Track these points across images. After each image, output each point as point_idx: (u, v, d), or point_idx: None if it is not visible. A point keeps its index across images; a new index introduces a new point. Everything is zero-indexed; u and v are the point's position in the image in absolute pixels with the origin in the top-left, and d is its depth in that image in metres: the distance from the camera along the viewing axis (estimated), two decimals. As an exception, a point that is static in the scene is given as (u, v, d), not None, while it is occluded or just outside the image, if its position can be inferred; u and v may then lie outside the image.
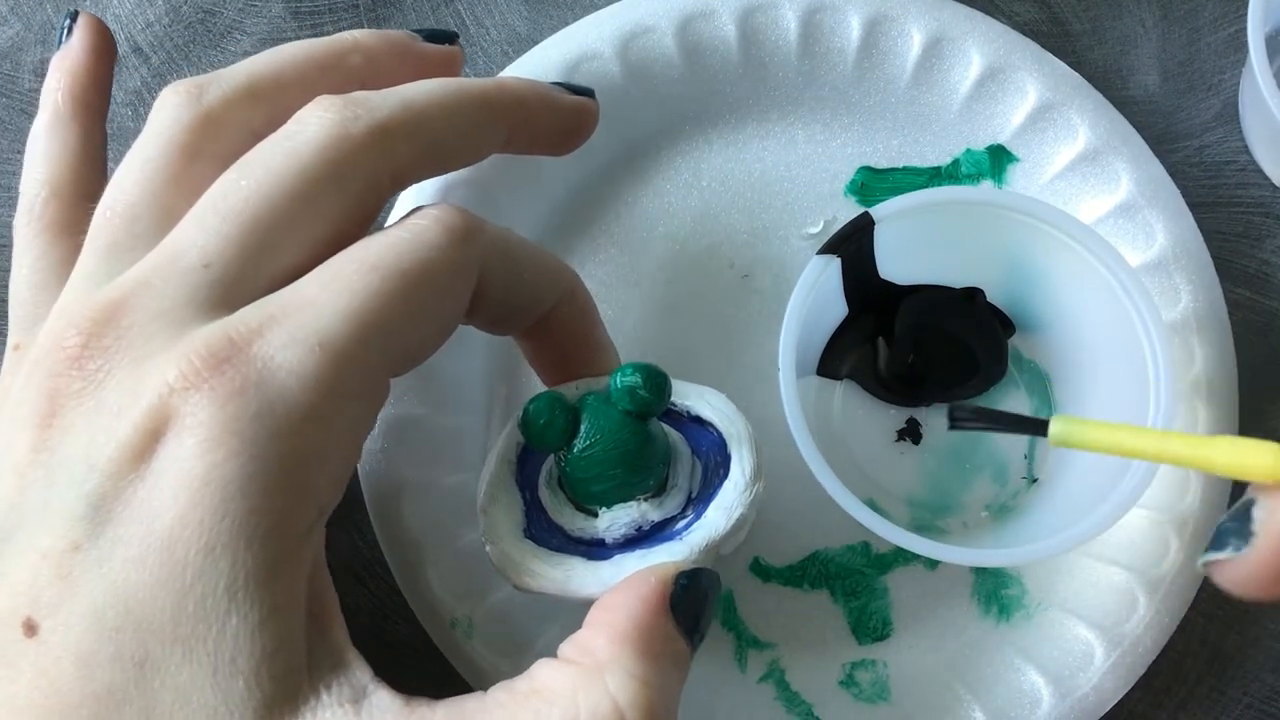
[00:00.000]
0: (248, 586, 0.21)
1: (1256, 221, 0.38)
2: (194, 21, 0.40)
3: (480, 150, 0.29)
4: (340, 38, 0.29)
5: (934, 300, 0.36)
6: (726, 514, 0.27)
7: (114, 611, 0.21)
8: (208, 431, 0.21)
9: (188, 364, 0.22)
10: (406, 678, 0.36)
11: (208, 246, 0.24)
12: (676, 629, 0.24)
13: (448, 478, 0.35)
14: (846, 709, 0.34)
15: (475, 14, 0.40)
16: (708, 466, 0.28)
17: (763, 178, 0.38)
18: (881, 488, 0.36)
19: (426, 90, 0.27)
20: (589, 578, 0.26)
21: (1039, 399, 0.36)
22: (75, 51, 0.30)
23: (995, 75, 0.37)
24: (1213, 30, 0.39)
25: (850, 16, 0.37)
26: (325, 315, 0.23)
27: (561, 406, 0.27)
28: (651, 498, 0.27)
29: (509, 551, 0.27)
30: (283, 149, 0.25)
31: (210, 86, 0.27)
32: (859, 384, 0.36)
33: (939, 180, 0.38)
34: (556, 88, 0.31)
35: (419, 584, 0.34)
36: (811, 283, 0.32)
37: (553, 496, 0.28)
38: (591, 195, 0.38)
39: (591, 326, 0.30)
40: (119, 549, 0.21)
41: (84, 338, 0.23)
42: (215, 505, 0.21)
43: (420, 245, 0.25)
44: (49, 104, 0.30)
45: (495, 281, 0.26)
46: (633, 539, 0.27)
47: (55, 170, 0.29)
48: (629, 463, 0.26)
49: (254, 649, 0.21)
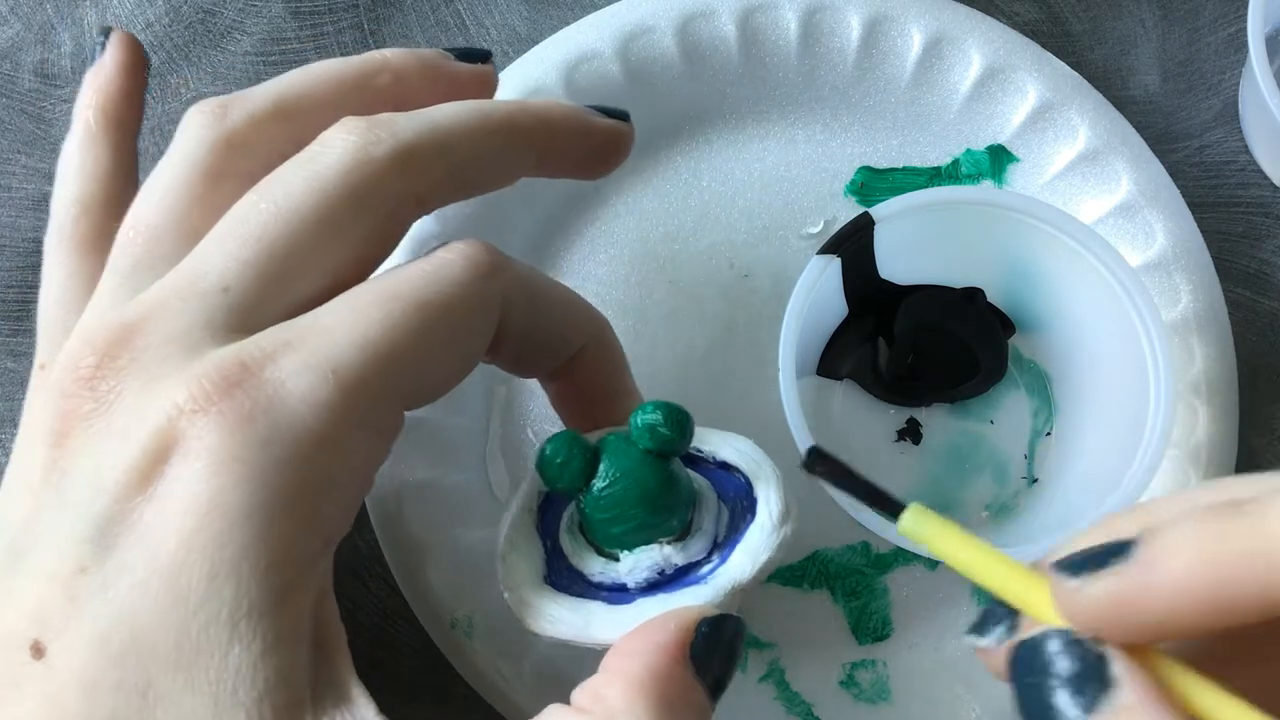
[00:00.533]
0: (251, 616, 0.21)
1: (1256, 221, 0.38)
2: (194, 21, 0.40)
3: (509, 174, 0.28)
4: (370, 57, 0.29)
5: (934, 300, 0.36)
6: (752, 557, 0.26)
7: (118, 637, 0.21)
8: (214, 457, 0.21)
9: (198, 387, 0.22)
10: (406, 678, 0.36)
11: (227, 270, 0.24)
12: (696, 678, 0.23)
13: (448, 478, 0.35)
14: (846, 709, 0.34)
15: (475, 14, 0.40)
16: (734, 511, 0.27)
17: (763, 178, 0.38)
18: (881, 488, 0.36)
19: (453, 112, 0.27)
20: (610, 622, 0.26)
21: (1039, 399, 0.36)
22: (107, 68, 0.30)
23: (995, 75, 0.37)
24: (1213, 30, 0.39)
25: (850, 16, 0.37)
26: (340, 343, 0.23)
27: (580, 446, 0.26)
28: (675, 541, 0.26)
29: (527, 597, 0.26)
30: (304, 172, 0.25)
31: (235, 106, 0.27)
32: (859, 384, 0.36)
33: (939, 180, 0.38)
34: (590, 111, 0.30)
35: (419, 584, 0.34)
36: (811, 283, 0.32)
37: (573, 541, 0.27)
38: (591, 195, 0.38)
39: (618, 374, 0.29)
40: (124, 574, 0.21)
41: (98, 358, 0.23)
42: (219, 532, 0.21)
43: (442, 278, 0.24)
44: (81, 121, 0.29)
45: (518, 320, 0.26)
46: (655, 583, 0.26)
47: (86, 187, 0.28)
48: (650, 503, 0.26)
49: (256, 680, 0.21)
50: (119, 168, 0.29)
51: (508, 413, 0.37)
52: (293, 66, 0.40)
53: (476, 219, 0.36)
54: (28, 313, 0.39)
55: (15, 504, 0.23)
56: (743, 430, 0.28)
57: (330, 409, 0.22)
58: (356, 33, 0.40)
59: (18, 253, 0.39)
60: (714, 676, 0.23)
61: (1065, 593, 0.18)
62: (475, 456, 0.36)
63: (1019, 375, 0.36)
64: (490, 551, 0.35)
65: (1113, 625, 0.18)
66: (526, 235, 0.37)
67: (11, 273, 0.39)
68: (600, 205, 0.38)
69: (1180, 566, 0.17)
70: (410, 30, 0.40)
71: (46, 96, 0.40)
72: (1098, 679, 0.17)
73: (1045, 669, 0.18)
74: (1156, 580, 0.17)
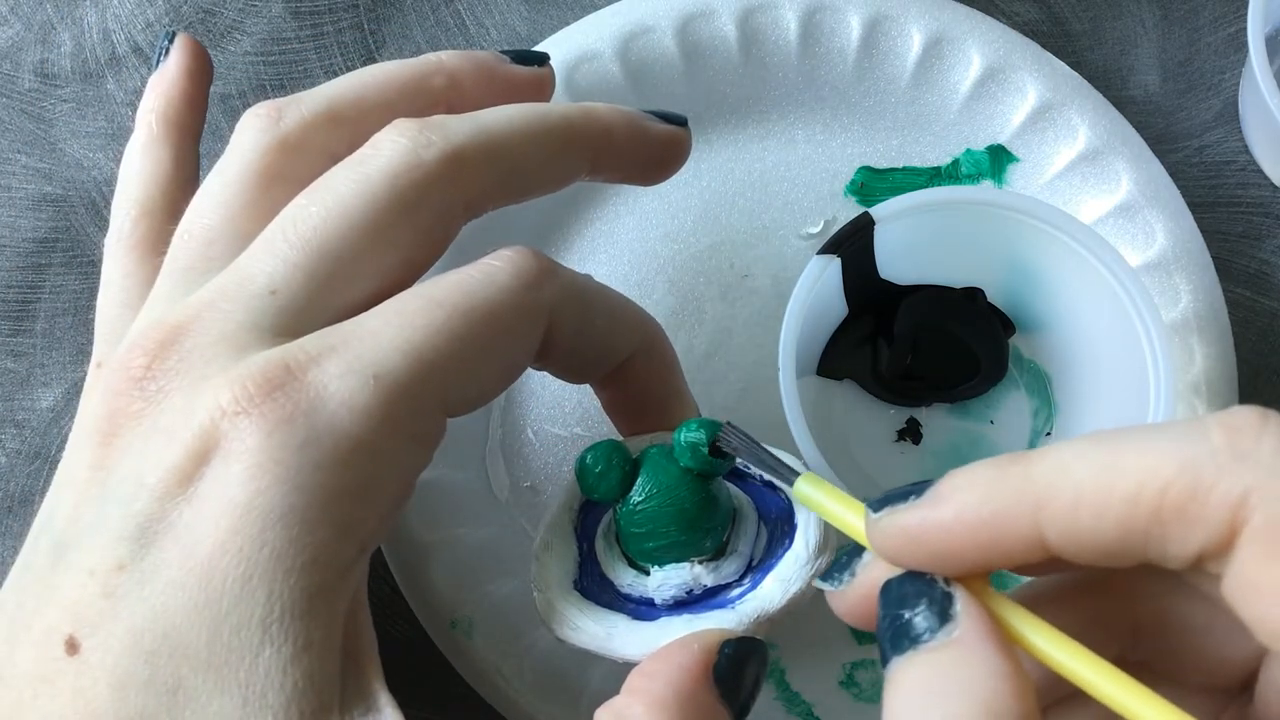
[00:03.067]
0: (283, 619, 0.21)
1: (1256, 221, 0.38)
2: (194, 21, 0.40)
3: (560, 179, 0.28)
4: (426, 59, 0.29)
5: (934, 300, 0.36)
6: (784, 587, 0.25)
7: (151, 635, 0.21)
8: (253, 458, 0.21)
9: (240, 388, 0.22)
10: (407, 678, 0.36)
11: (275, 273, 0.24)
12: (719, 701, 0.23)
13: (449, 478, 0.35)
14: (846, 709, 0.34)
15: (475, 14, 0.40)
16: (774, 533, 0.27)
17: (763, 178, 0.38)
18: (881, 488, 0.36)
19: (505, 116, 0.26)
20: (631, 638, 0.25)
21: (1039, 399, 0.36)
22: (170, 74, 0.30)
23: (995, 75, 0.37)
24: (1213, 30, 0.39)
25: (850, 16, 0.37)
26: (384, 348, 0.23)
27: (620, 457, 0.25)
28: (708, 561, 0.26)
29: (554, 601, 0.26)
30: (353, 175, 0.25)
31: (289, 110, 0.27)
32: (859, 384, 0.36)
33: (939, 180, 0.38)
34: (648, 116, 0.29)
35: (419, 584, 0.34)
36: (811, 283, 0.32)
37: (608, 549, 0.27)
38: (592, 196, 0.38)
39: (670, 380, 0.29)
40: (160, 572, 0.21)
41: (148, 359, 0.23)
42: (255, 534, 0.21)
43: (488, 285, 0.24)
44: (144, 124, 0.30)
45: (566, 328, 0.26)
46: (683, 601, 0.26)
47: (146, 190, 0.29)
48: (685, 522, 0.25)
49: (285, 684, 0.21)
50: (180, 171, 0.29)
51: (508, 413, 0.37)
52: (293, 66, 0.41)
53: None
54: (28, 313, 0.39)
55: (63, 501, 0.23)
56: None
57: (369, 414, 0.22)
58: (356, 33, 0.40)
59: (18, 253, 0.39)
60: (738, 699, 0.23)
61: (869, 524, 0.21)
62: (475, 456, 0.36)
63: (1019, 375, 0.36)
64: (490, 551, 0.35)
65: (908, 555, 0.20)
66: (527, 235, 0.37)
67: (11, 273, 0.39)
68: (600, 205, 0.38)
69: (960, 502, 0.20)
70: (410, 30, 0.40)
71: (46, 96, 0.40)
72: (941, 612, 0.20)
73: (901, 601, 0.20)
74: (939, 514, 0.20)
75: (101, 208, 0.39)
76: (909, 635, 0.20)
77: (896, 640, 0.20)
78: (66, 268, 0.39)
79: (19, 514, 0.38)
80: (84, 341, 0.39)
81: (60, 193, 0.40)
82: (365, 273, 0.24)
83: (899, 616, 0.20)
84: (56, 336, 0.39)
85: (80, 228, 0.39)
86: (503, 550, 0.35)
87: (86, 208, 0.40)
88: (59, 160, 0.40)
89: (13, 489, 0.38)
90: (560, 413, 0.37)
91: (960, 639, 0.19)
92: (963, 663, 0.19)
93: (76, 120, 0.40)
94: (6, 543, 0.38)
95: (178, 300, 0.25)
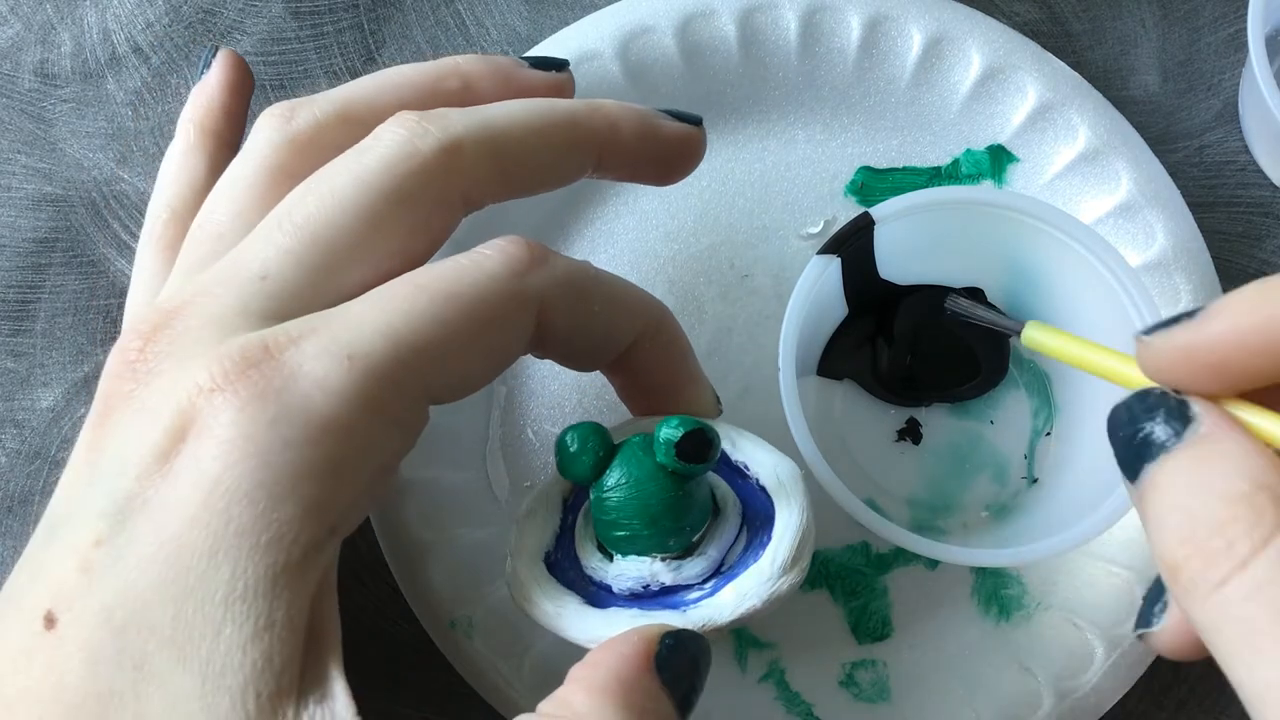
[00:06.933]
0: (245, 597, 0.21)
1: (1256, 221, 0.38)
2: (194, 21, 0.40)
3: (564, 175, 0.28)
4: (443, 62, 0.29)
5: (934, 300, 0.36)
6: (739, 600, 0.25)
7: (122, 611, 0.21)
8: (225, 433, 0.21)
9: (218, 367, 0.22)
10: (406, 678, 0.36)
11: (268, 259, 0.24)
12: (662, 689, 0.23)
13: (448, 477, 0.35)
14: (846, 709, 0.34)
15: (475, 14, 0.40)
16: (751, 540, 0.26)
17: (763, 178, 0.38)
18: (881, 488, 0.36)
19: (508, 109, 0.26)
20: (577, 621, 0.25)
21: (1039, 399, 0.36)
22: (211, 85, 0.31)
23: (995, 75, 0.37)
24: (1213, 30, 0.39)
25: (850, 16, 0.37)
26: (363, 330, 0.23)
27: (596, 441, 0.25)
28: (671, 559, 0.26)
29: (519, 571, 0.26)
30: (351, 165, 0.25)
31: (302, 109, 0.27)
32: (859, 384, 0.36)
33: (939, 180, 0.38)
34: (660, 114, 0.29)
35: (419, 584, 0.34)
36: (811, 283, 0.32)
37: (584, 528, 0.27)
38: (592, 195, 0.38)
39: (680, 363, 0.28)
40: (133, 547, 0.21)
41: (143, 341, 0.23)
42: (221, 509, 0.21)
43: (476, 272, 0.24)
44: (182, 132, 0.31)
45: (560, 316, 0.25)
46: (638, 595, 0.26)
47: (179, 194, 0.30)
48: (648, 518, 0.25)
49: (244, 663, 0.21)
50: (212, 178, 0.30)
51: (508, 413, 0.37)
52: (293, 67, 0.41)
53: (477, 216, 0.35)
54: (28, 313, 0.39)
55: (62, 482, 0.24)
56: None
57: (343, 394, 0.22)
58: (356, 33, 0.40)
59: (18, 253, 0.39)
60: (680, 688, 0.23)
61: (1143, 347, 0.22)
62: (475, 456, 0.36)
63: (1019, 375, 0.36)
64: (490, 551, 0.35)
65: (1183, 373, 0.21)
66: (527, 234, 0.36)
67: (11, 273, 0.39)
68: (600, 205, 0.38)
69: (1233, 312, 0.21)
70: (410, 30, 0.40)
71: (46, 96, 0.40)
72: (1180, 417, 0.21)
73: (1136, 419, 0.21)
74: (1212, 329, 0.21)
75: (101, 208, 0.39)
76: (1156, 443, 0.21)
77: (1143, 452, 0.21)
78: (66, 268, 0.39)
79: (19, 514, 0.38)
80: (84, 341, 0.39)
81: (60, 193, 0.40)
82: (359, 261, 0.24)
83: (1139, 430, 0.21)
84: (56, 336, 0.39)
85: (80, 228, 0.39)
86: (503, 550, 0.35)
87: (86, 208, 0.39)
88: (59, 160, 0.40)
89: (13, 489, 0.38)
90: (560, 413, 0.37)
91: (1208, 434, 0.20)
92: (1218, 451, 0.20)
93: (76, 120, 0.40)
94: (7, 543, 0.38)
95: None
